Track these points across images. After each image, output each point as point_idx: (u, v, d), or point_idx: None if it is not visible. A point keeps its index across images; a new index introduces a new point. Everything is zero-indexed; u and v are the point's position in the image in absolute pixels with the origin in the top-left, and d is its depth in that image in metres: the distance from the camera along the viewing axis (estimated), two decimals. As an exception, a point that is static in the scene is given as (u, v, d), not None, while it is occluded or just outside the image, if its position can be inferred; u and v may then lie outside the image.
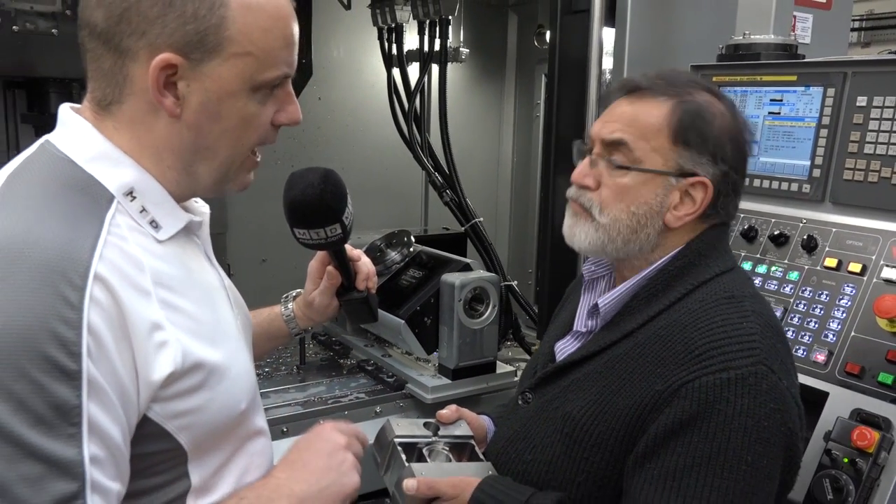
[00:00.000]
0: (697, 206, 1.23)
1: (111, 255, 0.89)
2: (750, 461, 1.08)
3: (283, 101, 1.05)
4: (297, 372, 2.37)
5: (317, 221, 1.31)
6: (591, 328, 1.33)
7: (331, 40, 3.14)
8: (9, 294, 0.82)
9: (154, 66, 0.92)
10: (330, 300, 1.50)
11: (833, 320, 1.58)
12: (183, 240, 1.05)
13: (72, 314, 0.83)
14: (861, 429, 1.41)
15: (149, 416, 0.93)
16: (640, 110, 1.23)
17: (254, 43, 0.96)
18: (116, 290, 0.88)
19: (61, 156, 0.96)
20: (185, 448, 0.98)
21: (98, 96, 0.98)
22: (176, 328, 0.94)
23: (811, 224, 1.70)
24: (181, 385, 0.95)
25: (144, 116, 0.97)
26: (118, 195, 0.95)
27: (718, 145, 1.22)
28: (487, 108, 3.52)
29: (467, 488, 1.21)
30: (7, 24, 1.98)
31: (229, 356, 1.03)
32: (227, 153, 1.02)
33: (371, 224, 2.94)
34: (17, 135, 2.57)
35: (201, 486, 1.03)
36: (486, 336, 2.23)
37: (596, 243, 1.25)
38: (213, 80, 0.96)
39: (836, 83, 1.68)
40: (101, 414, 0.84)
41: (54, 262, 0.84)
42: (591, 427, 1.19)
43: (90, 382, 0.83)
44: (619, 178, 1.23)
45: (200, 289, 1.04)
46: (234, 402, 1.04)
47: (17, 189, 0.93)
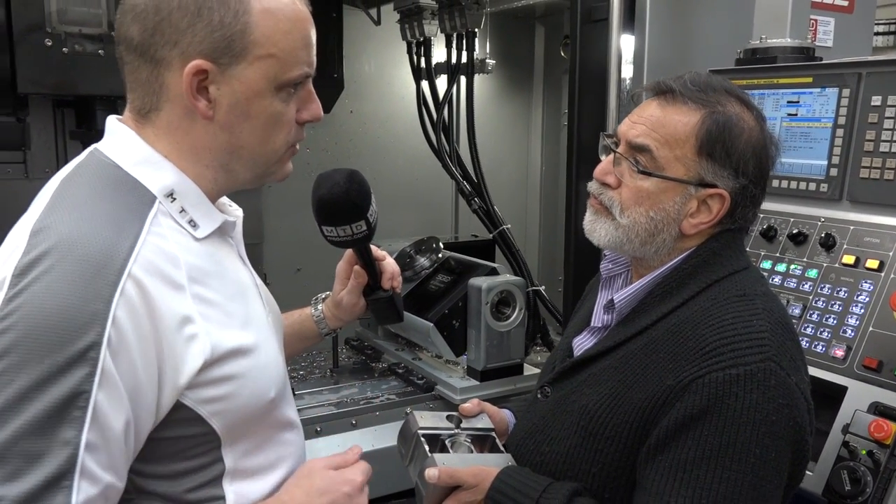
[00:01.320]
0: (713, 216, 1.26)
1: (148, 253, 0.97)
2: (758, 454, 1.11)
3: (305, 99, 1.12)
4: (330, 375, 2.44)
5: (343, 219, 1.37)
6: (606, 323, 1.37)
7: (362, 55, 3.24)
8: (50, 284, 0.90)
9: (187, 73, 1.01)
10: (357, 299, 1.56)
11: (851, 316, 1.60)
12: (218, 240, 1.13)
13: (101, 306, 0.90)
14: (879, 421, 1.43)
15: (183, 401, 1.00)
16: (670, 116, 1.24)
17: (276, 45, 1.04)
18: (148, 288, 0.95)
19: (108, 161, 1.05)
20: (219, 432, 1.05)
21: (138, 106, 1.07)
22: (207, 321, 1.01)
23: (829, 222, 1.73)
24: (212, 374, 1.02)
25: (181, 121, 1.05)
26: (160, 196, 1.04)
27: (742, 160, 1.24)
28: (516, 118, 3.58)
29: (487, 478, 1.25)
30: (57, 47, 2.10)
31: (258, 347, 1.10)
32: (259, 150, 1.10)
33: (402, 232, 3.02)
34: (66, 150, 2.71)
35: (235, 470, 1.09)
36: (514, 338, 2.28)
37: (615, 241, 1.29)
38: (240, 82, 1.04)
39: (850, 84, 1.71)
40: (107, 404, 0.90)
41: (95, 258, 0.92)
42: (607, 420, 1.23)
43: (104, 372, 0.90)
44: (640, 182, 1.26)
45: (233, 285, 1.11)
46: (264, 389, 1.11)
47: (69, 191, 1.02)
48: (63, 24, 2.09)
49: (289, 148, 1.14)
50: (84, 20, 2.12)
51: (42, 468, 0.86)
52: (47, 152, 2.68)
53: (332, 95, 2.98)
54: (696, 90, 1.25)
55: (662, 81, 1.30)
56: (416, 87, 3.02)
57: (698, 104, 1.24)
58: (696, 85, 1.26)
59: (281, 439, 1.19)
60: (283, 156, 1.14)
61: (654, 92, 1.30)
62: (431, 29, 2.89)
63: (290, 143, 1.13)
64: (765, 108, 1.88)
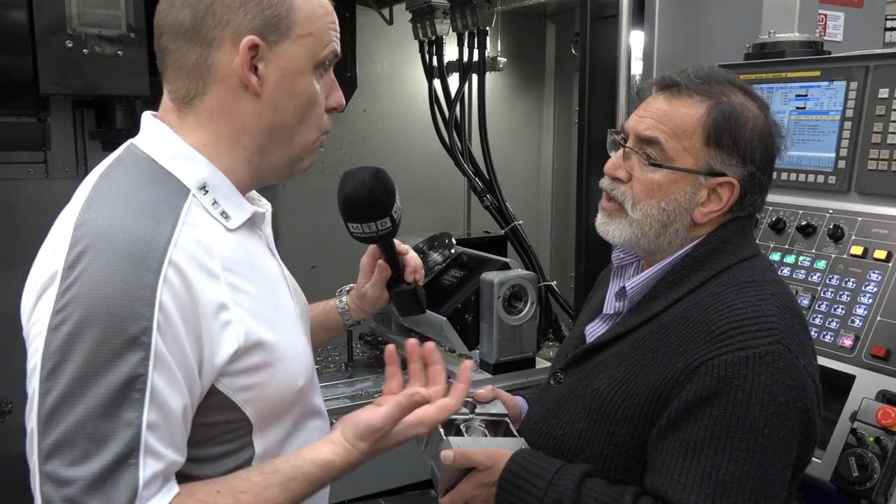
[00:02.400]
0: (724, 204, 1.28)
1: (185, 242, 1.01)
2: (767, 434, 1.14)
3: (329, 87, 1.17)
4: (345, 369, 2.48)
5: (368, 215, 1.40)
6: (618, 310, 1.40)
7: (374, 54, 3.27)
8: (95, 275, 0.94)
9: (243, 47, 1.05)
10: (381, 292, 1.59)
11: (859, 306, 1.62)
12: (248, 232, 1.16)
13: (147, 293, 0.95)
14: (886, 408, 1.45)
15: (218, 388, 1.04)
16: (676, 109, 1.27)
17: (314, 24, 1.10)
18: (187, 275, 0.99)
19: (144, 156, 1.10)
20: (251, 419, 1.09)
21: (181, 94, 1.10)
22: (240, 309, 1.05)
23: (837, 214, 1.75)
24: (245, 362, 1.05)
25: (226, 102, 1.09)
26: (193, 189, 1.08)
27: (749, 148, 1.26)
28: (527, 116, 3.61)
29: (501, 459, 1.28)
30: (78, 48, 2.16)
31: (287, 337, 1.14)
32: (297, 130, 1.13)
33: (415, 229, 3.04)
34: (86, 150, 2.76)
35: (264, 455, 1.12)
36: (525, 332, 2.31)
37: (629, 238, 1.32)
38: (286, 59, 1.09)
39: (858, 77, 1.73)
40: (163, 385, 0.95)
41: (136, 248, 0.96)
42: (618, 402, 1.26)
43: (157, 355, 0.94)
44: (650, 174, 1.28)
45: (262, 276, 1.15)
46: (293, 378, 1.14)
47: (107, 185, 1.06)
48: (83, 25, 2.14)
49: (319, 136, 1.17)
50: (104, 22, 2.17)
51: (109, 449, 0.91)
52: (67, 152, 2.74)
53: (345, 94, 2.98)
54: (701, 83, 1.28)
55: (667, 76, 1.33)
56: (429, 86, 3.05)
57: (703, 96, 1.27)
58: (700, 77, 1.29)
59: (309, 426, 1.22)
60: (313, 143, 1.17)
61: (659, 86, 1.33)
62: (443, 28, 2.92)
63: (322, 129, 1.17)
64: (773, 102, 1.91)
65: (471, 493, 1.29)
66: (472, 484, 1.29)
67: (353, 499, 2.15)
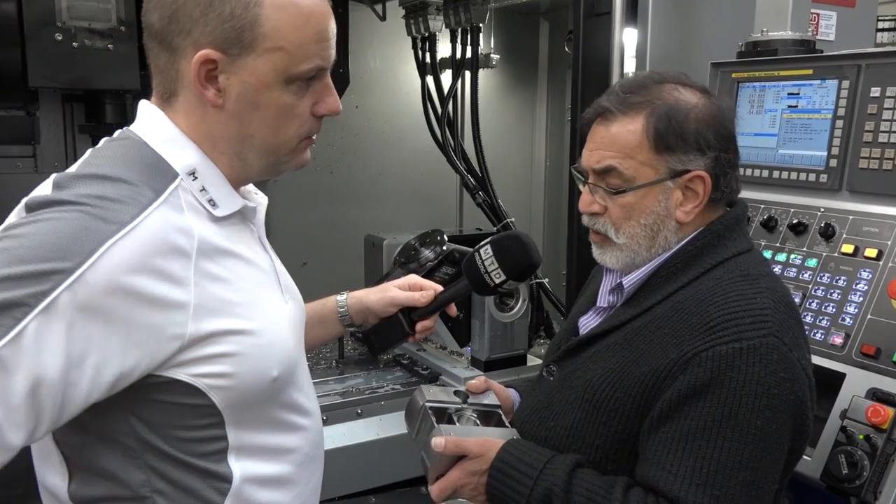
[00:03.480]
0: (702, 197, 1.29)
1: (152, 224, 0.98)
2: (759, 426, 1.14)
3: (321, 93, 1.14)
4: (336, 366, 2.48)
5: (522, 278, 1.46)
6: (612, 303, 1.40)
7: (367, 50, 3.27)
8: (54, 220, 0.94)
9: (195, 61, 1.04)
10: (395, 309, 1.53)
11: (850, 304, 1.62)
12: (239, 224, 1.15)
13: (89, 243, 0.92)
14: (876, 406, 1.45)
15: (176, 377, 1.02)
16: (617, 131, 1.28)
17: (285, 38, 1.06)
18: (136, 259, 0.95)
19: (137, 139, 1.10)
20: (219, 407, 1.07)
21: (160, 91, 1.11)
22: (206, 295, 1.02)
23: (829, 212, 1.75)
24: (205, 350, 1.03)
25: (195, 108, 1.09)
26: (182, 174, 1.07)
27: (699, 136, 1.26)
28: (520, 113, 3.61)
29: (493, 448, 1.28)
30: (67, 41, 2.14)
31: (263, 328, 1.11)
32: (270, 141, 1.12)
33: (408, 226, 3.05)
34: (76, 144, 2.74)
35: (240, 447, 1.11)
36: (517, 329, 2.31)
37: (626, 262, 1.33)
38: (249, 73, 1.06)
39: (850, 75, 1.73)
40: (37, 337, 0.89)
41: (101, 215, 0.95)
42: (610, 393, 1.26)
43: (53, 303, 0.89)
44: (620, 199, 1.30)
45: (247, 267, 1.13)
46: (265, 369, 1.11)
47: (95, 160, 1.07)
48: (73, 18, 2.13)
49: (302, 140, 1.15)
50: (93, 15, 2.15)
51: None
52: (56, 146, 2.71)
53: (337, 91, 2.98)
54: (630, 95, 1.29)
55: (597, 104, 1.33)
56: (421, 83, 3.04)
57: (635, 109, 1.27)
58: (628, 90, 1.30)
59: (289, 423, 1.20)
60: (296, 147, 1.15)
61: (594, 116, 1.34)
62: (436, 24, 2.91)
63: (304, 135, 1.14)
64: (765, 101, 1.91)
65: (461, 480, 1.28)
66: (462, 472, 1.28)
67: (343, 496, 2.14)
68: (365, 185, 3.35)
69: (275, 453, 1.17)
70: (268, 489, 1.15)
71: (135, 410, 1.03)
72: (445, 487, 1.29)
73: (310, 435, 1.24)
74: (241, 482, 1.11)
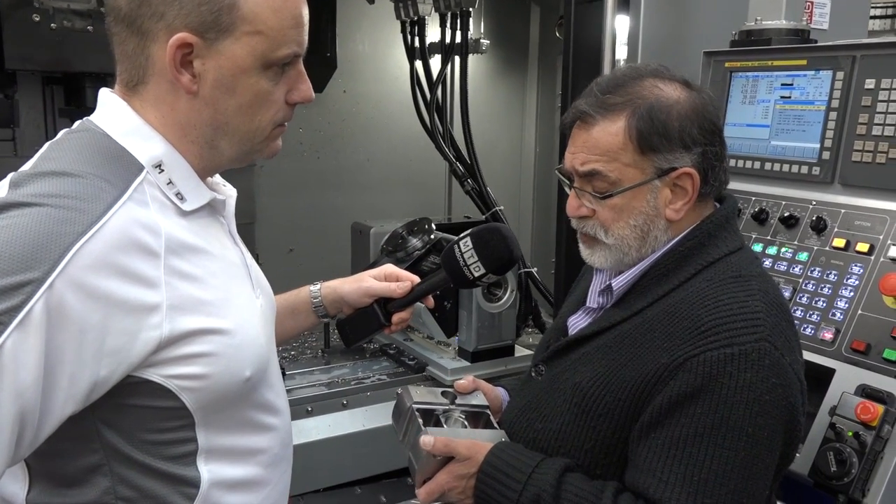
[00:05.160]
0: (691, 193, 1.26)
1: (119, 221, 0.94)
2: (751, 432, 1.12)
3: (295, 80, 1.10)
4: (321, 355, 2.45)
5: (501, 272, 1.44)
6: (602, 304, 1.38)
7: (355, 34, 3.21)
8: (16, 223, 0.89)
9: (171, 45, 0.99)
10: (368, 300, 1.50)
11: (840, 299, 1.60)
12: (207, 217, 1.11)
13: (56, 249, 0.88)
14: (865, 403, 1.44)
15: (148, 377, 0.98)
16: (598, 134, 1.25)
17: (264, 22, 1.02)
18: (105, 257, 0.91)
19: (98, 130, 1.04)
20: (190, 408, 1.03)
21: (125, 78, 1.06)
22: (177, 296, 0.99)
23: (820, 205, 1.73)
24: (178, 351, 0.99)
25: (167, 95, 1.04)
26: (148, 166, 1.03)
27: (684, 133, 1.23)
28: (510, 99, 3.57)
29: (481, 451, 1.26)
30: (45, 22, 2.08)
31: (237, 326, 1.08)
32: (244, 128, 1.08)
33: (395, 213, 3.01)
34: (55, 128, 2.69)
35: (209, 449, 1.08)
36: (505, 320, 2.29)
37: (614, 261, 1.31)
38: (226, 58, 1.02)
39: (844, 67, 1.70)
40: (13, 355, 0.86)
41: (64, 215, 0.90)
42: (600, 397, 1.24)
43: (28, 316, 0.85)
44: (607, 202, 1.27)
45: (217, 262, 1.09)
46: (238, 369, 1.08)
47: (53, 153, 1.01)
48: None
49: (276, 127, 1.12)
50: (72, -5, 2.10)
51: None
52: (36, 130, 2.67)
53: (325, 75, 2.96)
54: (609, 96, 1.25)
55: (575, 107, 1.29)
56: (410, 67, 3.00)
57: (615, 111, 1.24)
58: (606, 90, 1.26)
59: (260, 423, 1.17)
60: (269, 134, 1.12)
61: (573, 120, 1.30)
62: (426, 8, 2.87)
63: (277, 122, 1.11)
64: (759, 91, 1.88)
65: (449, 484, 1.26)
66: (450, 475, 1.26)
67: (328, 487, 2.13)
68: (352, 171, 3.32)
69: (244, 455, 1.14)
70: (236, 493, 1.12)
71: (102, 415, 1.00)
72: (433, 491, 1.27)
73: (280, 434, 1.22)
74: (209, 486, 1.08)
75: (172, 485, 1.05)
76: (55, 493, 1.04)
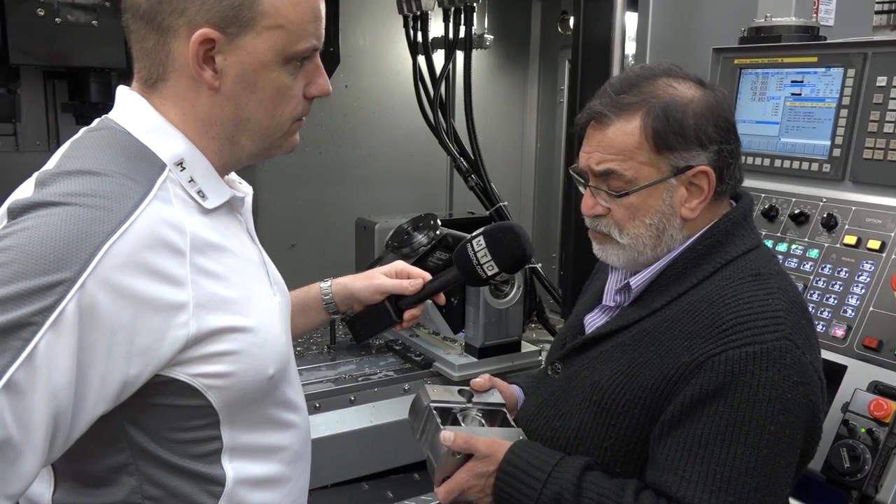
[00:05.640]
0: (707, 192, 1.26)
1: (147, 219, 0.94)
2: (773, 431, 1.13)
3: (312, 74, 1.10)
4: (327, 351, 2.45)
5: (514, 270, 1.45)
6: (619, 303, 1.38)
7: (357, 28, 3.20)
8: (44, 223, 0.88)
9: (194, 41, 0.99)
10: (382, 297, 1.50)
11: (852, 296, 1.61)
12: (227, 215, 1.11)
13: (87, 249, 0.87)
14: (878, 399, 1.45)
15: (175, 376, 0.98)
16: (615, 134, 1.25)
17: (284, 16, 1.02)
18: (135, 256, 0.91)
19: (119, 128, 1.04)
20: (216, 407, 1.03)
21: (144, 75, 1.05)
22: (203, 294, 0.98)
23: (831, 203, 1.73)
24: (204, 349, 0.99)
25: (187, 92, 1.04)
26: (170, 164, 1.02)
27: (700, 131, 1.24)
28: (511, 95, 3.56)
29: (500, 449, 1.26)
30: (50, 17, 2.06)
31: (259, 324, 1.08)
32: (266, 123, 1.08)
33: (397, 209, 3.01)
34: (58, 123, 2.67)
35: (234, 447, 1.08)
36: (512, 316, 2.29)
37: (628, 260, 1.31)
38: (248, 53, 1.02)
39: (856, 64, 1.71)
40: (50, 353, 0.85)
41: (93, 214, 0.90)
42: (619, 395, 1.24)
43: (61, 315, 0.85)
44: (623, 201, 1.27)
45: (238, 260, 1.09)
46: (263, 366, 1.08)
47: (77, 152, 1.01)
48: (56, -7, 2.05)
49: (294, 122, 1.12)
50: (77, -11, 2.08)
51: None
52: (38, 125, 2.65)
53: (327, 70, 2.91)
54: (622, 95, 1.25)
55: (589, 108, 1.30)
56: (413, 62, 2.98)
57: (630, 110, 1.24)
58: (620, 90, 1.27)
59: (282, 420, 1.17)
60: (289, 129, 1.12)
61: (587, 120, 1.31)
62: (429, 3, 2.84)
63: (296, 116, 1.11)
64: (768, 88, 1.89)
65: (468, 482, 1.26)
66: (469, 473, 1.27)
67: (336, 483, 2.13)
68: (354, 167, 3.30)
69: (267, 452, 1.15)
70: (260, 490, 1.13)
71: (129, 414, 0.99)
72: (452, 489, 1.28)
73: (300, 432, 1.22)
74: (234, 484, 1.08)
75: (198, 483, 1.05)
76: (81, 494, 1.03)
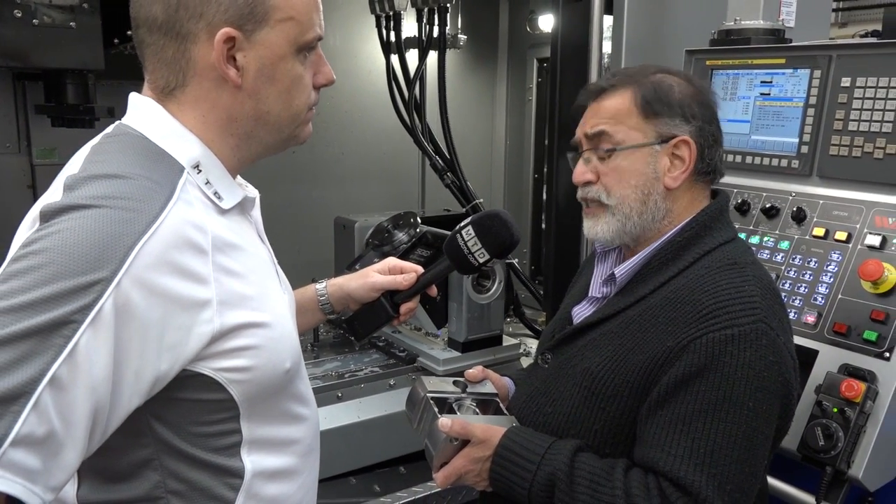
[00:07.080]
0: (688, 162, 1.36)
1: (175, 218, 0.97)
2: (751, 406, 1.21)
3: (317, 63, 1.16)
4: (310, 349, 2.47)
5: (504, 255, 1.52)
6: (605, 294, 1.45)
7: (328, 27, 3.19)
8: (78, 224, 0.91)
9: (218, 41, 1.03)
10: (377, 295, 1.54)
11: (821, 285, 1.71)
12: (239, 216, 1.15)
13: (121, 249, 0.91)
14: (849, 381, 1.54)
15: (200, 371, 1.02)
16: (609, 103, 1.39)
17: (294, 7, 1.08)
18: (166, 254, 0.94)
19: (136, 133, 1.07)
20: (237, 400, 1.07)
21: (161, 84, 1.08)
22: (225, 291, 1.02)
23: (800, 197, 1.83)
24: (228, 344, 1.03)
25: (208, 93, 1.07)
26: (187, 167, 1.05)
27: (684, 106, 1.36)
28: (481, 93, 3.62)
29: (496, 435, 1.32)
30: (27, 18, 2.04)
31: (275, 320, 1.12)
32: (285, 114, 1.12)
33: (371, 206, 3.04)
34: (28, 125, 2.63)
35: (252, 440, 1.12)
36: (493, 310, 2.35)
37: (616, 229, 1.38)
38: (265, 47, 1.06)
39: (822, 65, 1.80)
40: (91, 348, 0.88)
41: (124, 215, 0.93)
42: (609, 380, 1.31)
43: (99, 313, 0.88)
44: (611, 163, 1.37)
45: (253, 259, 1.13)
46: (280, 360, 1.12)
47: (100, 156, 1.04)
48: (34, -6, 2.03)
49: (309, 110, 1.16)
50: (55, -10, 2.06)
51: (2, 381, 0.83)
52: (8, 126, 2.62)
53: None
54: (622, 77, 1.42)
55: (593, 84, 1.48)
56: (386, 62, 3.01)
57: (625, 85, 1.39)
58: (619, 74, 1.44)
59: (295, 413, 1.21)
60: (304, 118, 1.16)
61: (590, 96, 1.44)
62: (402, 3, 2.88)
63: (310, 105, 1.16)
64: (739, 88, 1.98)
65: (465, 467, 1.32)
66: (466, 459, 1.33)
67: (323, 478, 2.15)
68: (328, 165, 3.32)
69: (282, 445, 1.19)
70: (275, 482, 1.17)
71: (153, 409, 1.02)
72: (450, 474, 1.34)
73: (311, 425, 1.26)
74: (252, 476, 1.12)
75: (219, 476, 1.09)
76: (105, 489, 1.06)
